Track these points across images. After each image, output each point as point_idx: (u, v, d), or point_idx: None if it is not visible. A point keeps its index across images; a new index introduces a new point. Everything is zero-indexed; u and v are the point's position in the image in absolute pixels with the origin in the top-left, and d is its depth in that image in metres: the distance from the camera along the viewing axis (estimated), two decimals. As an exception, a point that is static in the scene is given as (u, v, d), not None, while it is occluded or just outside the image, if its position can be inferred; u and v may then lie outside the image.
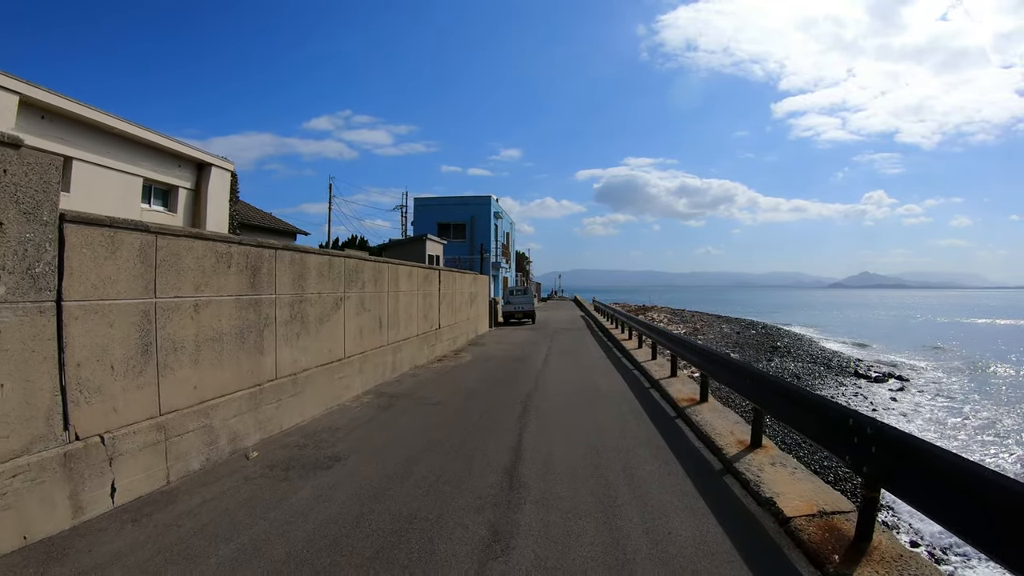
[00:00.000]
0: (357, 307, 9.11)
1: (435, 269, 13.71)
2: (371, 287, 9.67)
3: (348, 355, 8.79)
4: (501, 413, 7.45)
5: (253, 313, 6.44)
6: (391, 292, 10.64)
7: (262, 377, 6.60)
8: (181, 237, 5.38)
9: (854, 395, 17.69)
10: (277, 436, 6.63)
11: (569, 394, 8.70)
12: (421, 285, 12.52)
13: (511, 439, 6.18)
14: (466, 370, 11.51)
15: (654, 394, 8.82)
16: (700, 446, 6.00)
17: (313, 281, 7.76)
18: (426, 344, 12.80)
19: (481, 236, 30.21)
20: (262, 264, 6.65)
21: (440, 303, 14.09)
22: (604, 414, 7.35)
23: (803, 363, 24.98)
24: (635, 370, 11.38)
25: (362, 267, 9.31)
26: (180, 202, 12.40)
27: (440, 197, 32.10)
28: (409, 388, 9.52)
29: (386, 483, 4.90)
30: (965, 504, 2.76)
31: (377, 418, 7.44)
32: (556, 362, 12.57)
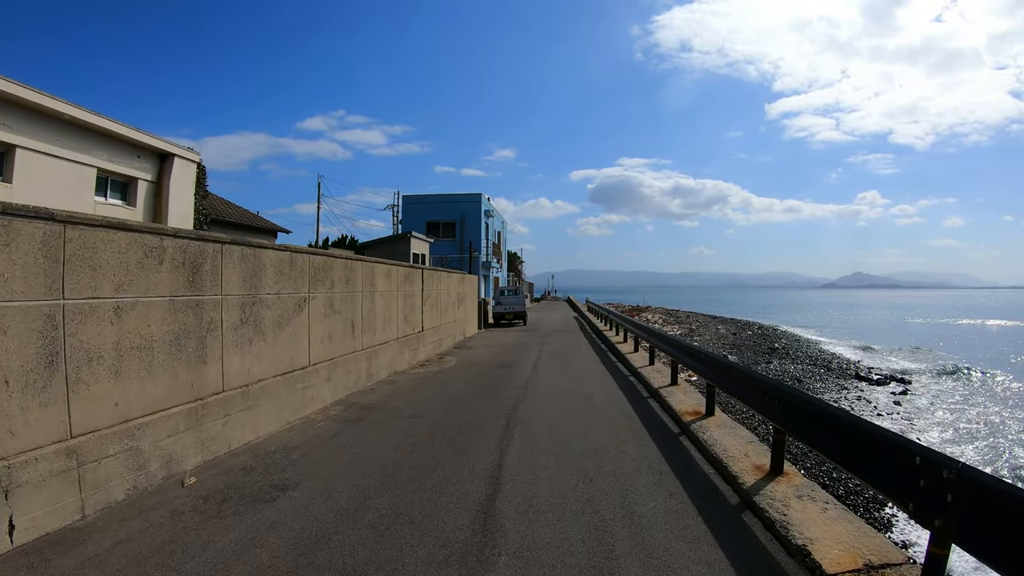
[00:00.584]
0: (325, 309, 8.21)
1: (417, 268, 12.82)
2: (342, 287, 8.77)
3: (314, 362, 7.90)
4: (482, 429, 6.58)
5: (193, 317, 5.55)
6: (366, 292, 9.75)
7: (205, 390, 5.71)
8: (98, 228, 4.49)
9: (857, 398, 17.00)
10: (223, 457, 5.75)
11: (559, 405, 7.84)
12: (401, 285, 11.63)
13: (490, 463, 5.30)
14: (449, 377, 10.62)
15: (653, 405, 7.98)
16: (710, 472, 5.14)
17: (270, 280, 6.86)
18: (407, 348, 11.91)
19: (471, 235, 29.28)
20: (204, 260, 5.76)
21: (423, 304, 13.20)
22: (598, 430, 6.49)
23: (803, 365, 24.32)
24: (631, 376, 10.54)
25: (331, 265, 8.41)
26: (140, 195, 11.44)
27: (429, 195, 31.18)
28: (384, 398, 8.63)
29: (334, 523, 4.03)
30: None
31: (342, 434, 6.56)
32: (546, 367, 11.71)
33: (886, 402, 17.19)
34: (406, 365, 11.72)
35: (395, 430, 6.67)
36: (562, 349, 15.43)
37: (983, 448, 11.97)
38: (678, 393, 8.27)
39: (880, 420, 13.76)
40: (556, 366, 11.93)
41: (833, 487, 7.05)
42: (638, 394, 8.77)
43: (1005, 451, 11.71)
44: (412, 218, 30.09)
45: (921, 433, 13.38)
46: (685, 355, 7.98)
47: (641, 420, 6.96)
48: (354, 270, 9.25)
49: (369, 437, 6.40)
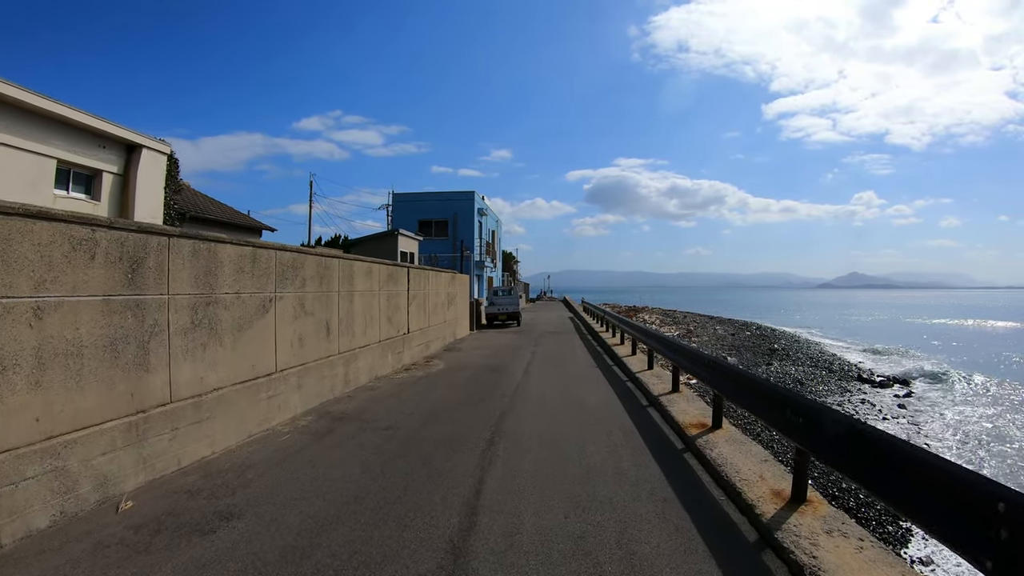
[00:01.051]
0: (295, 310, 7.51)
1: (403, 266, 12.12)
2: (315, 286, 8.07)
3: (281, 368, 7.20)
4: (463, 444, 5.88)
5: (133, 319, 4.87)
6: (344, 292, 9.04)
7: (148, 401, 5.03)
8: (13, 216, 3.82)
9: (861, 402, 16.40)
10: (170, 476, 5.08)
11: (551, 416, 7.15)
12: (385, 284, 10.93)
13: (468, 488, 4.61)
14: (434, 382, 9.92)
15: (653, 415, 7.30)
16: (721, 498, 4.46)
17: (228, 278, 6.17)
18: (391, 352, 11.21)
19: (464, 234, 28.54)
20: (147, 255, 5.07)
21: (410, 304, 12.50)
22: (593, 445, 5.80)
23: (804, 367, 23.72)
24: (629, 382, 9.86)
25: (302, 262, 7.71)
26: (104, 189, 10.71)
27: (421, 193, 30.46)
28: (361, 406, 7.93)
29: (276, 564, 3.35)
30: None
31: (307, 450, 5.86)
32: (539, 372, 11.03)
33: (890, 405, 16.60)
34: (390, 369, 11.01)
35: (367, 445, 5.97)
36: (556, 352, 14.76)
37: (1009, 452, 11.35)
38: (680, 401, 7.59)
39: (885, 425, 13.16)
40: (549, 370, 11.25)
41: (857, 507, 6.38)
42: (636, 402, 8.09)
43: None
44: (404, 217, 29.34)
45: (929, 438, 12.78)
46: (688, 360, 7.31)
47: (640, 433, 6.28)
48: (329, 268, 8.54)
49: (336, 454, 5.70)
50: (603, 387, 9.30)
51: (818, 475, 7.12)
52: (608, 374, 10.78)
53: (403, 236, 16.97)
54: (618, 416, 7.15)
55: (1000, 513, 2.25)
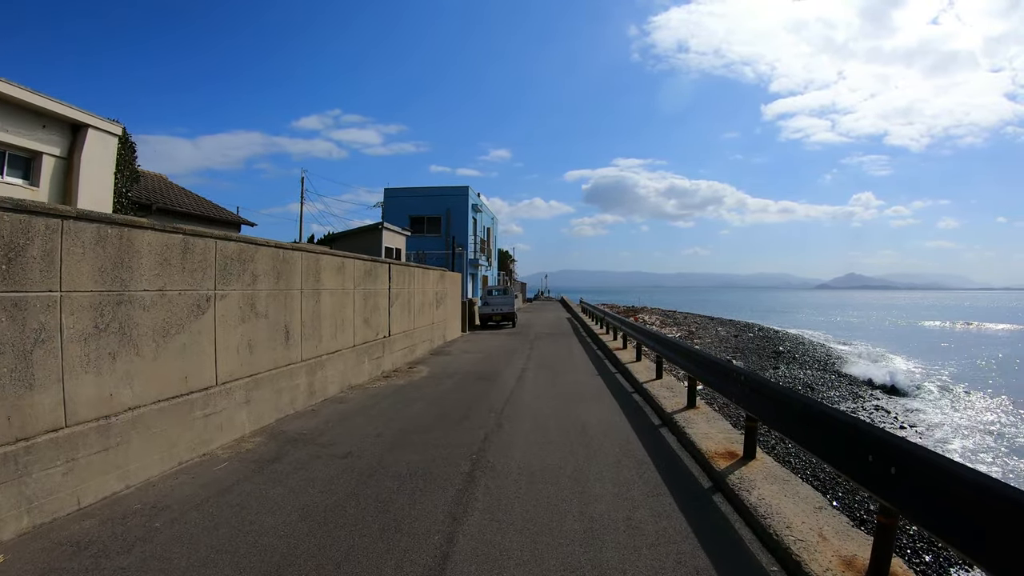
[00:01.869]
0: (242, 311, 6.33)
1: (383, 262, 10.93)
2: (269, 282, 6.89)
3: (224, 381, 6.02)
4: (434, 481, 4.70)
5: (8, 322, 3.73)
6: (308, 290, 7.86)
7: (32, 426, 3.90)
8: None
9: (875, 408, 15.33)
10: (64, 520, 3.95)
11: (546, 439, 5.97)
12: (361, 282, 9.74)
13: (432, 550, 3.43)
14: (414, 393, 8.73)
15: (668, 439, 6.13)
16: (773, 568, 3.29)
17: (148, 272, 4.99)
18: (368, 357, 10.02)
19: (457, 230, 27.29)
20: (29, 242, 3.93)
21: (391, 305, 11.31)
22: (598, 483, 4.62)
23: (811, 371, 22.63)
24: (636, 394, 8.69)
25: (251, 254, 6.52)
26: (45, 173, 9.50)
27: (412, 188, 29.16)
28: (322, 425, 6.74)
29: None
30: None
31: (241, 486, 4.69)
32: (533, 381, 9.85)
33: (902, 410, 15.55)
34: (366, 377, 9.82)
35: (316, 480, 4.79)
36: (553, 356, 13.58)
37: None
38: (699, 421, 6.42)
39: (905, 433, 12.04)
40: (545, 379, 10.07)
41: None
42: (647, 421, 6.91)
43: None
44: (396, 213, 28.09)
45: (945, 444, 11.70)
46: (712, 373, 6.11)
47: (656, 465, 5.09)
48: (289, 262, 7.36)
49: (275, 493, 4.52)
50: (606, 400, 8.12)
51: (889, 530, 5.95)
52: (611, 384, 9.61)
53: (388, 231, 15.72)
54: (626, 440, 5.96)
55: None
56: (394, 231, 16.38)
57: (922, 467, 2.67)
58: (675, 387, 8.44)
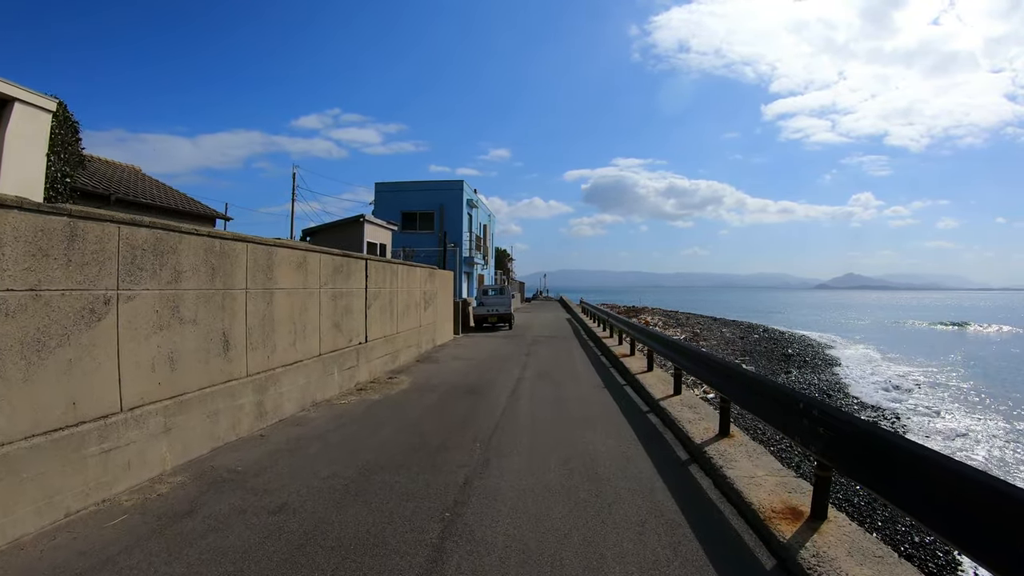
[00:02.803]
0: (159, 316, 4.97)
1: (359, 258, 9.54)
2: (201, 280, 5.52)
3: (133, 405, 4.66)
4: (385, 561, 3.33)
5: None
6: (257, 290, 6.49)
7: None
8: None
9: (896, 417, 14.04)
10: None
11: (543, 487, 4.57)
12: (330, 280, 8.37)
13: None
14: (386, 414, 7.35)
15: (702, 483, 4.75)
16: None
17: (13, 266, 3.66)
18: (339, 367, 8.63)
19: (451, 226, 25.83)
20: None
21: (369, 306, 9.93)
22: (617, 567, 3.26)
23: (825, 375, 21.36)
24: (652, 414, 7.32)
25: (172, 245, 5.15)
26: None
27: (404, 182, 27.65)
28: (264, 458, 5.37)
29: None
30: None
31: (123, 559, 3.33)
32: (530, 396, 8.47)
33: (923, 416, 14.25)
34: (335, 391, 8.44)
35: (227, 553, 3.42)
36: (552, 364, 12.20)
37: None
38: (738, 457, 5.05)
39: (944, 447, 10.70)
40: (543, 393, 8.69)
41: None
42: (671, 456, 5.53)
43: None
44: (387, 208, 26.64)
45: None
46: (762, 397, 4.70)
47: (694, 531, 3.71)
48: (229, 256, 5.98)
49: (167, 573, 3.16)
50: (618, 424, 6.75)
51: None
52: (621, 400, 8.24)
53: (371, 224, 14.25)
54: (649, 487, 4.59)
55: None
56: (378, 225, 14.93)
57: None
58: (699, 407, 7.06)
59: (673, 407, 7.02)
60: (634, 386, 9.20)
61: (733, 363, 5.57)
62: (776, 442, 7.72)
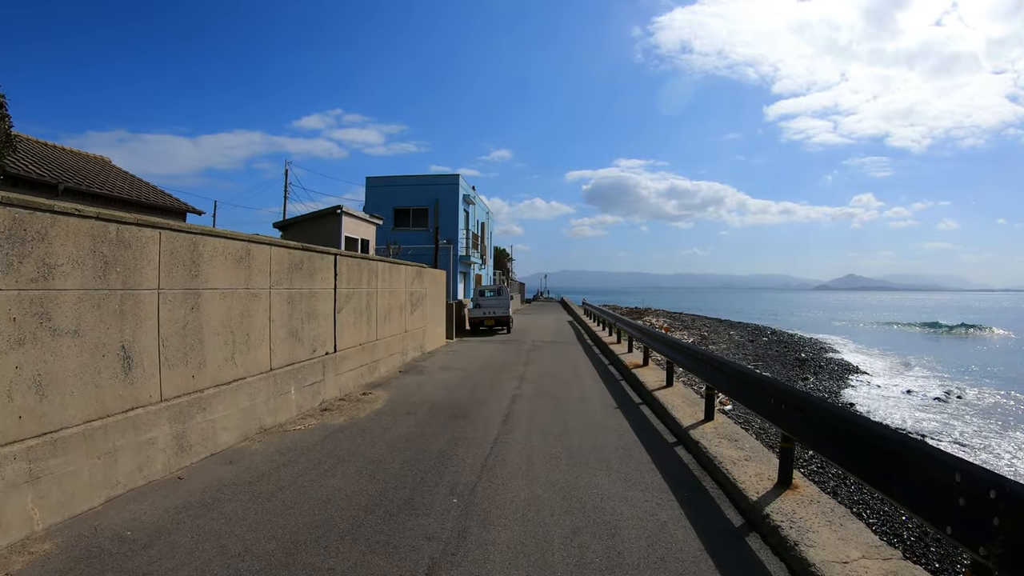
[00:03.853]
0: (18, 326, 3.53)
1: (327, 253, 8.07)
2: (84, 277, 4.07)
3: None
4: None
5: None
6: (174, 291, 5.03)
7: None
8: None
9: (940, 429, 12.59)
10: None
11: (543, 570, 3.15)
12: (285, 279, 6.91)
13: None
14: (347, 447, 5.86)
15: (764, 561, 3.32)
16: None
17: None
18: (297, 384, 7.17)
19: (446, 223, 24.28)
20: None
21: (339, 310, 8.47)
22: None
23: (843, 382, 19.90)
24: (680, 446, 5.83)
25: (40, 230, 3.71)
26: None
27: (396, 176, 26.12)
28: (163, 520, 3.90)
29: None
30: None
31: None
32: (527, 422, 6.98)
33: (971, 432, 12.80)
34: (292, 413, 6.98)
35: None
36: (554, 375, 10.72)
37: None
38: (814, 521, 3.58)
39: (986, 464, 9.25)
40: (544, 417, 7.21)
41: None
42: (720, 520, 4.02)
43: None
44: (378, 205, 25.13)
45: None
46: (839, 438, 3.25)
47: None
48: (132, 246, 4.53)
49: None
50: (639, 464, 5.26)
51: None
52: (640, 426, 6.76)
53: (350, 217, 12.67)
54: (695, 571, 3.15)
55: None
56: (359, 218, 13.38)
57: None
58: (741, 439, 5.59)
59: (708, 439, 5.55)
60: (653, 406, 7.73)
61: (800, 390, 4.09)
62: (859, 495, 6.20)
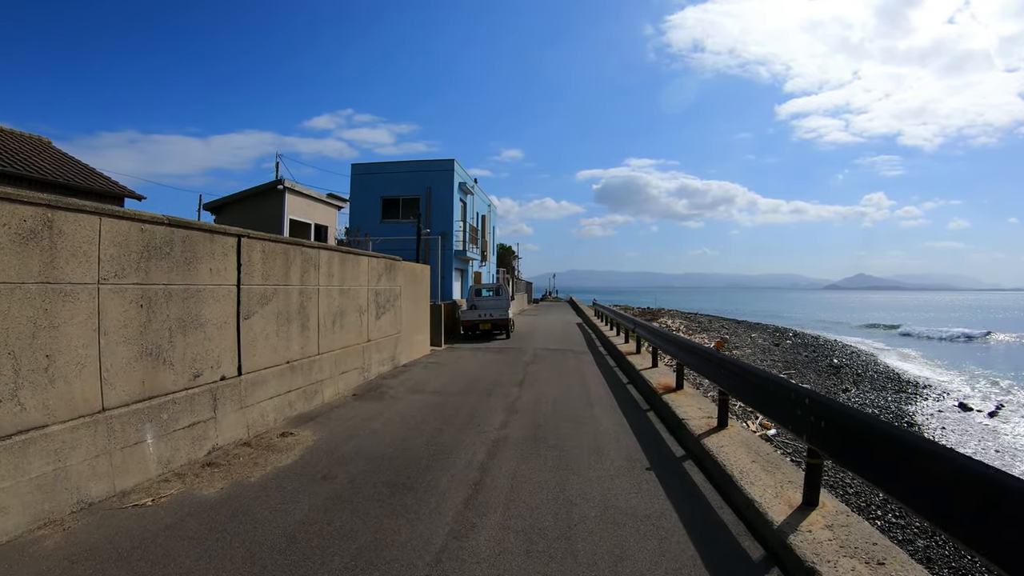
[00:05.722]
0: None
1: (221, 234, 5.53)
2: None
3: None
4: None
5: None
6: None
7: None
8: None
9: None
10: None
11: None
12: (137, 267, 4.41)
13: None
14: (186, 558, 3.37)
15: None
16: None
17: None
18: (158, 429, 4.66)
19: (440, 214, 21.65)
20: None
21: (247, 315, 5.96)
22: None
23: (888, 392, 17.03)
24: (775, 563, 3.30)
25: None
26: None
27: (384, 163, 23.53)
28: None
29: None
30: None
31: None
32: (505, 498, 4.37)
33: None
34: (151, 473, 4.48)
35: None
36: (557, 403, 8.08)
37: None
38: None
39: None
40: (532, 490, 4.58)
41: None
42: None
43: None
44: (363, 195, 22.58)
45: None
46: None
47: None
48: None
49: None
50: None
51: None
52: (697, 520, 4.19)
53: (297, 195, 9.75)
54: None
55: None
56: (312, 198, 10.63)
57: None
58: (889, 556, 3.02)
59: (825, 553, 2.97)
60: (706, 466, 5.12)
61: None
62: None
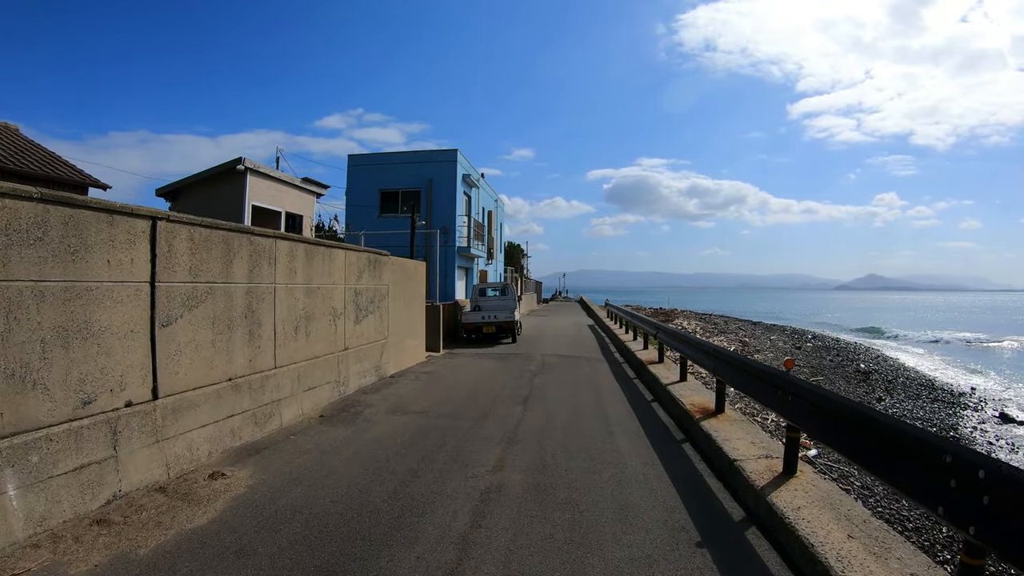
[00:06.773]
0: None
1: (133, 215, 4.20)
2: None
3: None
4: None
5: None
6: None
7: None
8: None
9: None
10: None
11: None
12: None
13: None
14: None
15: None
16: None
17: None
18: (23, 477, 3.35)
19: (442, 208, 20.26)
20: None
21: (169, 321, 4.61)
22: None
23: (924, 402, 15.29)
24: None
25: None
26: None
27: (382, 154, 22.22)
28: None
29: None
30: None
31: None
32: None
33: None
34: (17, 535, 3.17)
35: None
36: (569, 431, 6.60)
37: None
38: None
39: None
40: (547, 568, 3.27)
41: None
42: None
43: None
44: (361, 187, 21.25)
45: None
46: None
47: None
48: None
49: None
50: None
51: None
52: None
53: (261, 177, 8.09)
54: None
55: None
56: (281, 182, 9.06)
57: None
58: None
59: None
60: (777, 537, 3.70)
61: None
62: None
